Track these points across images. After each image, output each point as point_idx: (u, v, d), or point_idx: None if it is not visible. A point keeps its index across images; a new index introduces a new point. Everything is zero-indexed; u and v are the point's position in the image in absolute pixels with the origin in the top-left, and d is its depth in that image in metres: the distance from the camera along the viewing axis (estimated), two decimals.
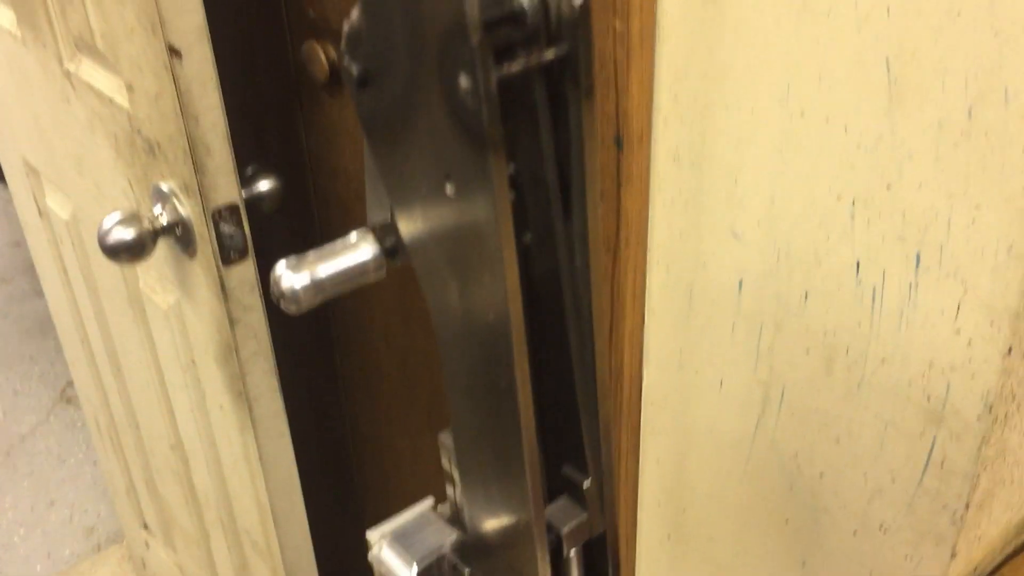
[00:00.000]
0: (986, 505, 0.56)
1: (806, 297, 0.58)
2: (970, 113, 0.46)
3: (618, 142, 0.62)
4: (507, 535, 0.36)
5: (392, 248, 0.34)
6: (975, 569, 0.60)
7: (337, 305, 1.18)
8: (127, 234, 0.97)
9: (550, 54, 0.27)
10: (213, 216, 0.95)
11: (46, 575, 2.18)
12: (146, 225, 0.98)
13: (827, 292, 0.56)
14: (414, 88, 0.28)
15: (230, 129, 0.94)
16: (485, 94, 0.25)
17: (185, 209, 0.98)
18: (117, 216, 0.97)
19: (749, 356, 0.63)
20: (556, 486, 0.37)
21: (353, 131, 1.01)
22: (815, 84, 0.52)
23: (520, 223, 0.33)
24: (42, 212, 1.46)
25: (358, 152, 1.02)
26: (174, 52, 0.88)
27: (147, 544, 1.85)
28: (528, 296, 0.35)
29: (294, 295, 0.33)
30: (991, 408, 0.51)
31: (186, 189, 0.96)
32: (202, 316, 1.09)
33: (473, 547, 0.38)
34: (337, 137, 1.03)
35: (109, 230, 0.97)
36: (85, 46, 1.04)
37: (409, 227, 0.33)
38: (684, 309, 0.66)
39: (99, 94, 1.04)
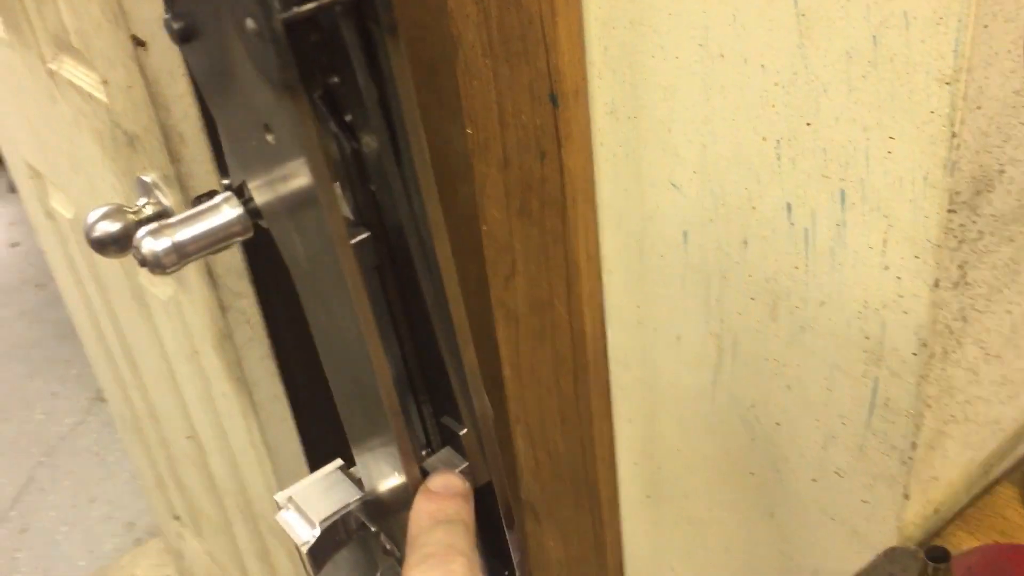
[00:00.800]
0: (937, 445, 0.55)
1: (746, 244, 0.57)
2: (875, 40, 0.45)
3: (553, 99, 0.61)
4: (395, 491, 0.36)
5: (256, 208, 0.34)
6: (936, 511, 0.59)
7: None
8: (112, 227, 0.98)
9: None
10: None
11: (89, 571, 2.23)
12: (130, 217, 0.99)
13: (764, 237, 0.56)
14: (224, 38, 0.28)
15: (205, 116, 0.95)
16: (271, 35, 0.25)
17: (168, 200, 0.99)
18: (101, 211, 0.98)
19: (701, 308, 0.62)
20: (443, 438, 0.37)
21: None
22: (730, 24, 0.51)
23: (363, 173, 0.33)
24: (48, 213, 1.48)
25: None
26: (139, 42, 0.89)
27: (180, 535, 1.88)
28: (383, 248, 0.35)
29: (156, 259, 0.34)
30: (926, 344, 0.50)
31: (166, 179, 0.97)
32: (196, 305, 1.10)
33: (376, 506, 0.39)
34: None
35: (93, 224, 0.98)
36: (63, 44, 1.06)
37: (252, 183, 0.33)
38: (637, 265, 0.66)
39: (80, 91, 1.05)
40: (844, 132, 0.48)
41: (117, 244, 1.04)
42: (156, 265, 0.34)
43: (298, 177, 0.29)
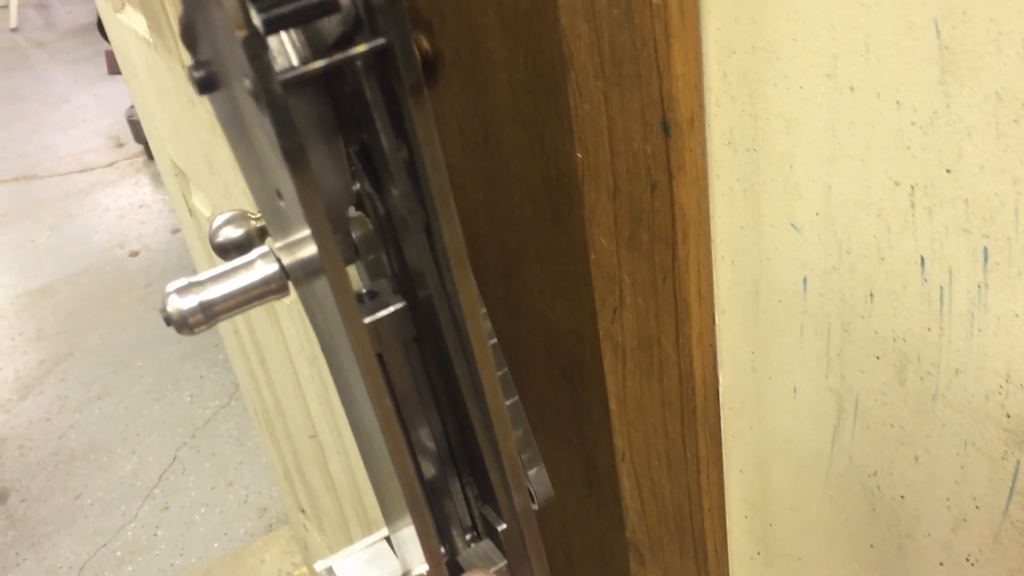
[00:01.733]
0: None
1: (871, 297, 0.51)
2: None
3: (665, 127, 0.56)
4: None
5: None
6: None
7: None
8: (234, 233, 0.99)
9: (361, 47, 0.23)
10: None
11: (222, 552, 2.31)
12: (252, 224, 1.00)
13: (893, 292, 0.49)
14: (236, 94, 0.25)
15: None
16: (267, 99, 0.22)
17: None
18: (225, 216, 1.00)
19: (819, 361, 0.56)
20: (486, 528, 0.34)
21: (451, 121, 0.99)
22: (862, 54, 0.45)
23: (386, 239, 0.30)
24: (191, 210, 1.53)
25: (457, 144, 1.00)
26: None
27: (305, 527, 1.92)
28: (423, 318, 0.31)
29: (182, 319, 0.31)
30: None
31: None
32: None
33: None
34: (437, 128, 1.01)
35: (217, 229, 0.99)
36: None
37: (275, 245, 0.31)
38: (752, 308, 0.60)
39: None
40: (990, 183, 0.42)
41: (239, 250, 1.05)
42: (182, 325, 0.32)
43: (308, 249, 0.26)
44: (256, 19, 0.22)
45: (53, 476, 2.57)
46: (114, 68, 4.21)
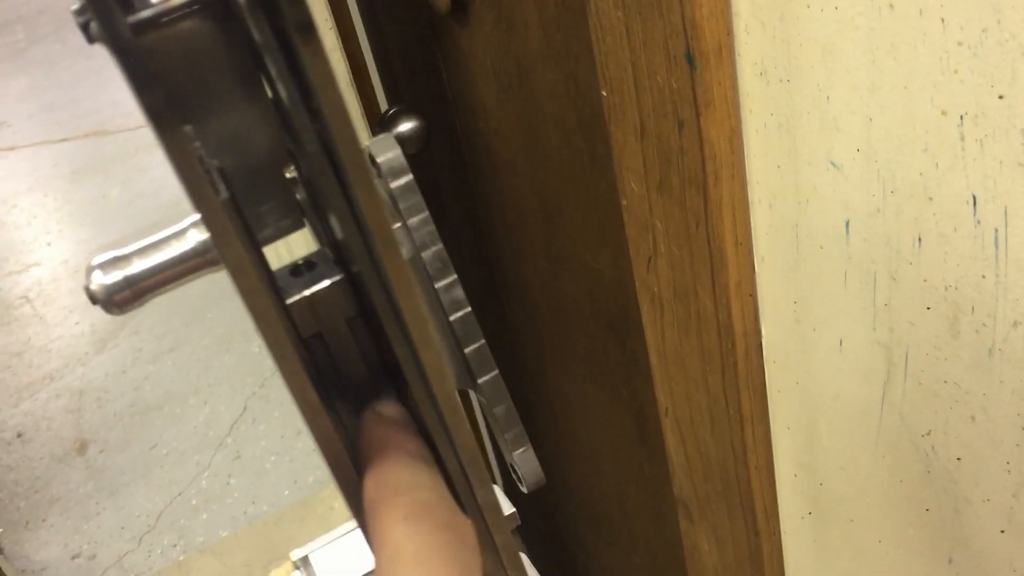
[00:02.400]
0: None
1: (919, 242, 0.45)
2: None
3: (689, 59, 0.51)
4: None
5: None
6: None
7: (496, 255, 1.14)
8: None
9: None
10: None
11: (292, 500, 2.35)
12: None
13: (943, 235, 0.44)
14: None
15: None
16: (114, 46, 0.18)
17: None
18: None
19: (866, 312, 0.51)
20: None
21: (484, 61, 0.95)
22: None
23: (316, 204, 0.26)
24: None
25: (492, 85, 0.95)
26: None
27: None
28: (358, 310, 0.28)
29: (107, 295, 0.28)
30: None
31: None
32: None
33: None
34: (471, 69, 0.97)
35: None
36: None
37: None
38: (792, 255, 0.55)
39: None
40: None
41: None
42: (108, 303, 0.29)
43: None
44: None
45: (129, 427, 2.63)
46: None
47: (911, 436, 0.53)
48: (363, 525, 0.27)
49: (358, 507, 0.28)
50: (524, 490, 0.33)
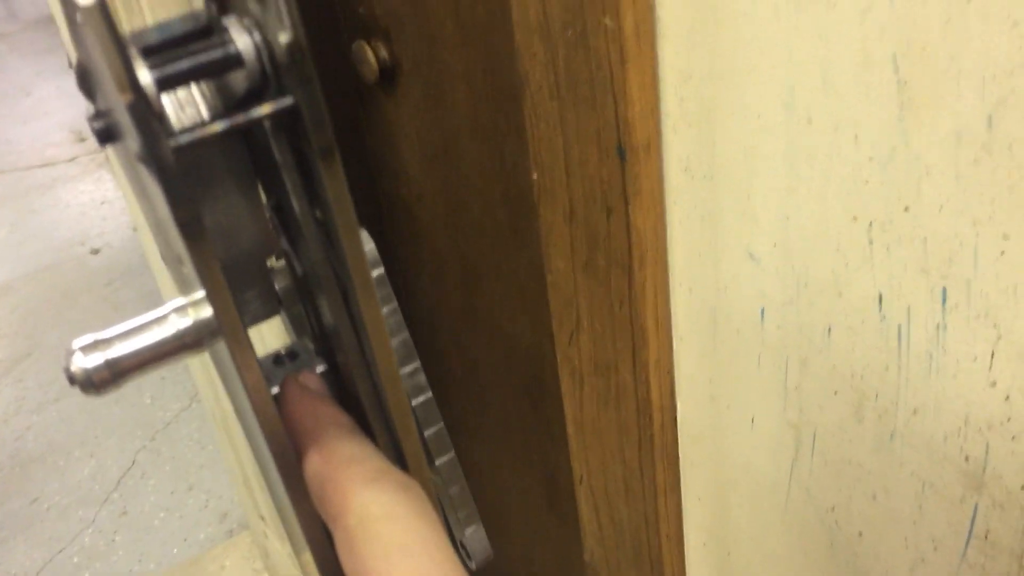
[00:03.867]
0: None
1: (829, 332, 0.49)
2: (990, 122, 0.37)
3: (620, 152, 0.55)
4: None
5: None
6: None
7: (411, 317, 1.15)
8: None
9: (266, 108, 0.21)
10: None
11: (182, 558, 2.28)
12: None
13: (851, 328, 0.48)
14: (128, 152, 0.23)
15: None
16: (157, 166, 0.20)
17: None
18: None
19: (777, 394, 0.55)
20: None
21: (410, 131, 0.97)
22: (820, 86, 0.43)
23: (304, 299, 0.28)
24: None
25: (416, 153, 0.98)
26: None
27: (265, 534, 1.89)
28: (336, 388, 0.30)
29: (86, 378, 0.29)
30: None
31: None
32: (272, 326, 1.08)
33: None
34: (395, 137, 0.99)
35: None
36: None
37: (193, 311, 0.29)
38: (710, 336, 0.59)
39: None
40: (949, 223, 0.40)
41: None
42: (87, 384, 0.29)
43: (210, 316, 0.24)
44: (146, 77, 0.20)
45: (9, 479, 2.52)
46: None
47: (817, 511, 0.56)
48: (306, 503, 0.27)
49: (299, 485, 0.28)
50: (473, 567, 0.34)
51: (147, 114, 0.20)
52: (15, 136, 4.36)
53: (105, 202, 3.78)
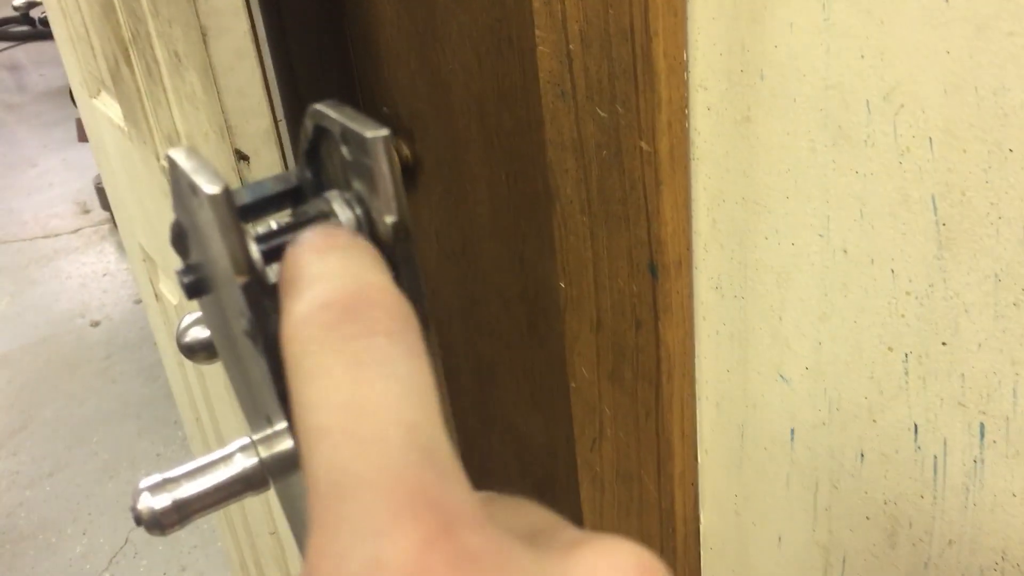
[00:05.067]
0: None
1: (862, 457, 0.50)
2: None
3: (652, 269, 0.56)
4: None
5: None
6: None
7: None
8: (202, 333, 0.97)
9: None
10: None
11: None
12: None
13: (884, 455, 0.48)
14: (226, 316, 0.24)
15: None
16: (265, 344, 0.21)
17: None
18: (194, 316, 0.97)
19: (806, 514, 0.55)
20: None
21: (429, 228, 0.98)
22: (856, 220, 0.44)
23: None
24: (158, 296, 1.50)
25: (434, 250, 0.99)
26: (242, 156, 0.88)
27: None
28: None
29: (154, 519, 0.29)
30: None
31: None
32: None
33: None
34: (418, 233, 1.00)
35: (185, 330, 0.97)
36: (174, 145, 1.06)
37: (262, 451, 0.29)
38: (737, 451, 0.59)
39: None
40: (988, 360, 0.41)
41: (206, 351, 1.03)
42: (153, 525, 0.29)
43: (299, 489, 0.24)
44: (256, 253, 0.21)
45: (0, 557, 2.47)
46: (84, 136, 4.19)
47: None
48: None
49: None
50: None
51: (259, 295, 0.20)
52: (19, 207, 4.39)
53: (107, 274, 3.79)
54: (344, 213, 0.23)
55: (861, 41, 0.41)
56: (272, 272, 0.22)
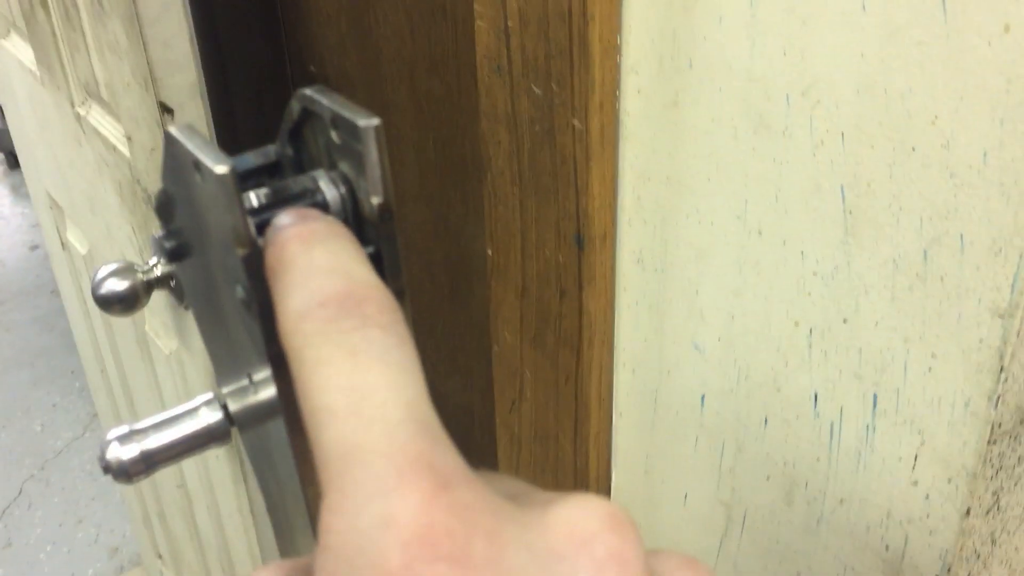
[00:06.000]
0: None
1: (766, 422, 0.54)
2: (925, 255, 0.42)
3: (579, 241, 0.58)
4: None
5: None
6: None
7: None
8: (119, 286, 0.96)
9: None
10: None
11: None
12: (139, 277, 0.97)
13: (786, 420, 0.52)
14: (213, 280, 0.26)
15: None
16: (259, 311, 0.23)
17: None
18: (110, 267, 0.96)
19: (711, 473, 0.59)
20: None
21: None
22: (772, 203, 0.48)
23: None
24: (64, 244, 1.47)
25: None
26: (166, 109, 0.87)
27: (162, 573, 1.85)
28: None
29: (122, 468, 0.31)
30: (950, 568, 0.46)
31: None
32: (197, 366, 1.08)
33: None
34: None
35: (101, 281, 0.96)
36: (93, 93, 1.04)
37: (231, 404, 0.31)
38: (650, 415, 0.63)
39: (105, 140, 1.04)
40: (883, 337, 0.45)
41: (123, 303, 1.02)
42: (121, 474, 0.31)
43: (275, 437, 0.26)
44: (253, 229, 0.23)
45: None
46: None
47: None
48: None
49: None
50: None
51: (258, 266, 0.22)
52: None
53: (1, 218, 3.65)
54: (330, 191, 0.25)
55: (784, 39, 0.44)
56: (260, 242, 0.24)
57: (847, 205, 0.44)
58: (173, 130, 0.24)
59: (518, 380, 0.71)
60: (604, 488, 0.69)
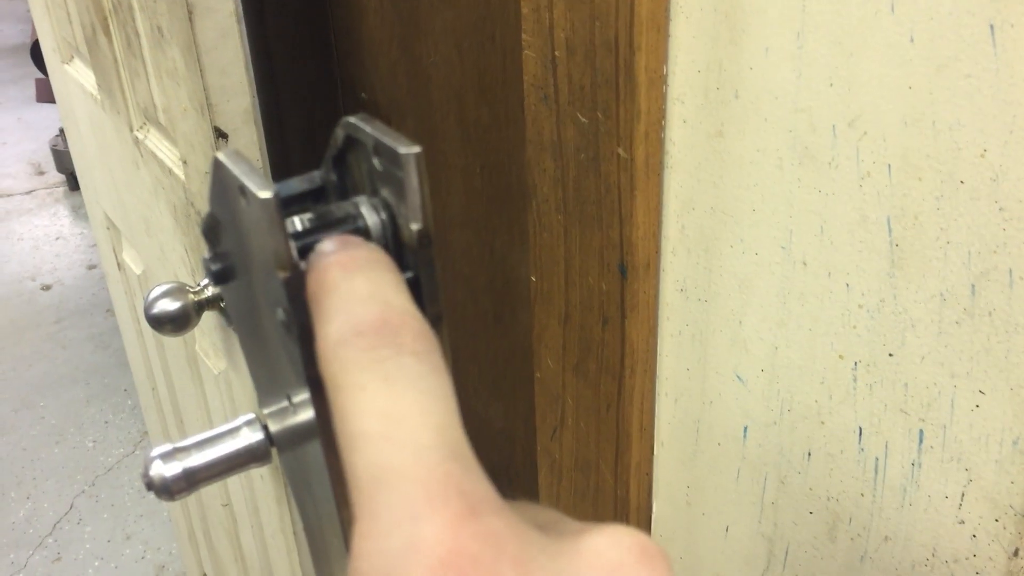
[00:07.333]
0: None
1: (809, 456, 0.53)
2: (973, 290, 0.41)
3: (622, 269, 0.58)
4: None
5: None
6: None
7: None
8: (171, 306, 0.98)
9: None
10: None
11: None
12: (191, 297, 0.99)
13: (830, 455, 0.52)
14: (256, 302, 0.26)
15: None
16: (298, 335, 0.23)
17: None
18: (163, 288, 0.99)
19: (754, 506, 0.58)
20: None
21: None
22: (817, 235, 0.48)
23: None
24: (120, 265, 1.50)
25: None
26: (221, 134, 0.89)
27: None
28: None
29: (164, 485, 0.31)
30: None
31: None
32: (245, 387, 1.09)
33: None
34: None
35: (154, 301, 0.98)
36: (151, 117, 1.07)
37: (272, 425, 0.31)
38: (692, 445, 0.62)
39: (161, 164, 1.06)
40: (929, 373, 0.44)
41: (174, 323, 1.04)
42: (163, 491, 0.32)
43: (312, 458, 0.26)
44: (295, 251, 0.23)
45: None
46: (43, 96, 4.10)
47: None
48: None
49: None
50: None
51: (301, 288, 0.23)
52: None
53: (60, 238, 3.74)
54: (371, 217, 0.25)
55: (831, 70, 0.44)
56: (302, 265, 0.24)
57: (893, 237, 0.44)
58: (220, 155, 0.24)
59: (559, 407, 0.70)
60: (644, 519, 0.68)
